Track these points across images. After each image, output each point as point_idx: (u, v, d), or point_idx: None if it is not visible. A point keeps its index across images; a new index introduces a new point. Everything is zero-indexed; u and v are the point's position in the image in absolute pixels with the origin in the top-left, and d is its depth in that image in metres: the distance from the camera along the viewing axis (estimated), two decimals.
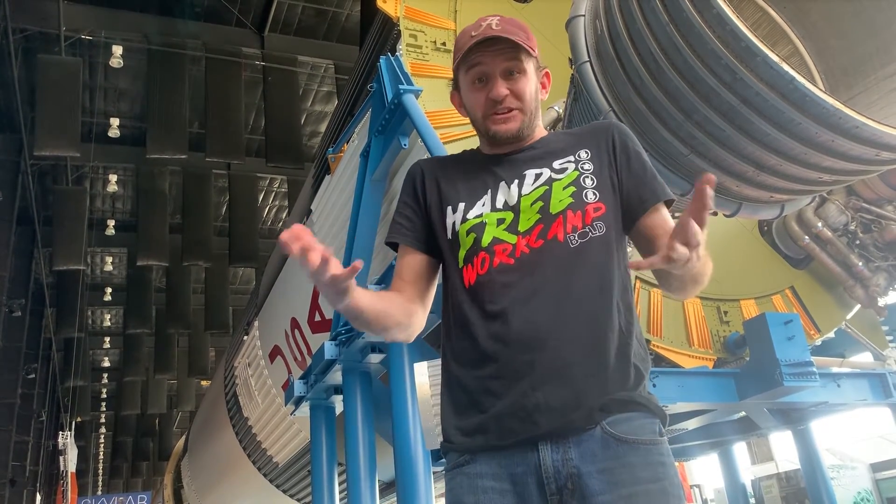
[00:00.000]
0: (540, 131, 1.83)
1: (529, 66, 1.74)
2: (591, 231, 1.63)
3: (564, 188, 1.67)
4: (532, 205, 1.66)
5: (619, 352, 1.59)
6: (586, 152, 1.74)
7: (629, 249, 1.78)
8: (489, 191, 1.73)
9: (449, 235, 1.73)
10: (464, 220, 1.71)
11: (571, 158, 1.73)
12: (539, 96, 1.79)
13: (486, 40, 1.70)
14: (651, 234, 1.69)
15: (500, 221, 1.67)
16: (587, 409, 1.53)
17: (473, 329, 1.63)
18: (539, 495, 1.52)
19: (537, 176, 1.71)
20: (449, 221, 1.74)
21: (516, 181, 1.71)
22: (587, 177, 1.69)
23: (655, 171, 1.76)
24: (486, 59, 1.72)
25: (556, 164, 1.73)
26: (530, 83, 1.74)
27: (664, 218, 1.70)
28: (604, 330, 1.59)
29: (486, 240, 1.65)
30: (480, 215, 1.69)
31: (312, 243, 1.39)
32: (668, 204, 1.74)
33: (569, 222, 1.63)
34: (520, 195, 1.69)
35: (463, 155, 1.91)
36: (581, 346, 1.56)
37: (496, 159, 1.79)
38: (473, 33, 1.73)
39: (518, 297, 1.60)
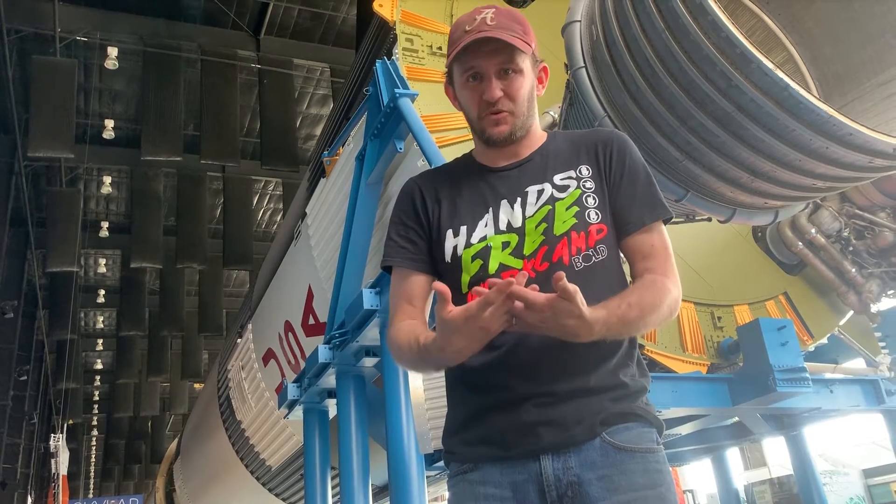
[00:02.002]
0: (537, 133, 1.80)
1: (525, 63, 1.70)
2: (594, 255, 1.63)
3: (567, 208, 1.65)
4: (537, 227, 1.64)
5: (621, 373, 1.61)
6: (587, 169, 1.71)
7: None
8: (490, 209, 1.69)
9: (448, 259, 1.69)
10: (468, 244, 1.67)
11: (573, 174, 1.71)
12: (535, 93, 1.75)
13: (481, 40, 1.65)
14: (630, 255, 1.69)
15: (506, 245, 1.64)
16: (588, 424, 1.54)
17: (478, 355, 1.60)
18: (540, 503, 1.54)
19: (539, 193, 1.68)
20: (449, 245, 1.69)
21: (519, 200, 1.68)
22: (589, 196, 1.67)
23: (651, 189, 1.72)
24: (479, 57, 1.67)
25: (558, 180, 1.70)
26: (526, 82, 1.70)
27: (648, 241, 1.68)
28: (607, 354, 1.60)
29: (493, 266, 1.63)
30: (484, 238, 1.66)
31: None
32: (667, 221, 1.72)
33: (573, 244, 1.62)
34: (524, 217, 1.66)
35: (457, 165, 1.86)
36: (584, 371, 1.57)
37: (494, 173, 1.75)
38: (468, 28, 1.67)
39: None
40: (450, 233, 1.71)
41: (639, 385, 1.63)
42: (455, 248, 1.68)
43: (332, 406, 5.54)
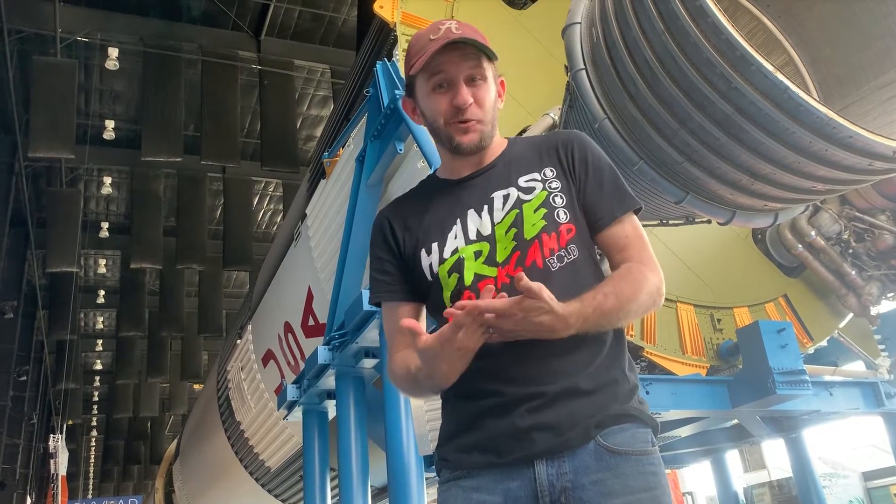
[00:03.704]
0: (498, 140, 1.80)
1: (489, 72, 1.71)
2: (566, 255, 1.62)
3: (535, 210, 1.65)
4: (507, 233, 1.63)
5: (610, 370, 1.60)
6: (552, 170, 1.71)
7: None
8: (458, 220, 1.69)
9: (429, 277, 1.69)
10: (441, 260, 1.67)
11: (537, 176, 1.70)
12: (497, 104, 1.75)
13: (449, 44, 1.65)
14: (606, 249, 1.70)
15: (478, 254, 1.64)
16: (583, 427, 1.54)
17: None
18: None
19: (505, 198, 1.68)
20: (425, 264, 1.69)
21: (486, 207, 1.68)
22: (556, 195, 1.67)
23: (617, 182, 1.73)
24: (449, 64, 1.67)
25: (522, 182, 1.69)
26: (491, 91, 1.71)
27: (622, 233, 1.68)
28: (594, 351, 1.60)
29: (468, 278, 1.63)
30: (456, 250, 1.66)
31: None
32: (636, 212, 1.72)
33: (545, 246, 1.61)
34: (493, 223, 1.65)
35: (421, 187, 1.87)
36: (573, 372, 1.57)
37: (458, 184, 1.75)
38: (433, 37, 1.67)
39: None
40: (423, 253, 1.70)
41: (630, 383, 1.63)
42: (430, 266, 1.69)
43: (331, 407, 5.54)
